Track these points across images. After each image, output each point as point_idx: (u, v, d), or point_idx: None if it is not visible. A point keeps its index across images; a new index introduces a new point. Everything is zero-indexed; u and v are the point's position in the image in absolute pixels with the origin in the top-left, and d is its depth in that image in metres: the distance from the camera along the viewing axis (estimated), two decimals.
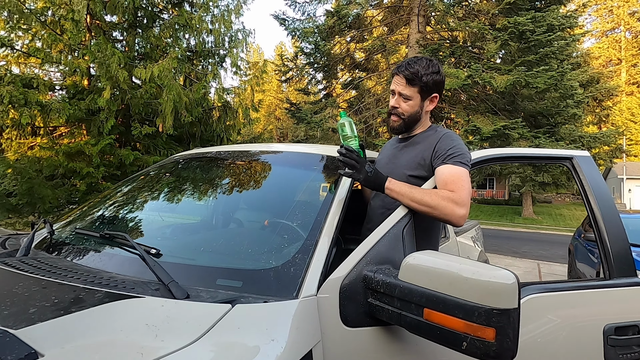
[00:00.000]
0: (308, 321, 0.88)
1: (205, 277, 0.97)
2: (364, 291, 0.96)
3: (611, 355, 1.18)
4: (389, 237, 1.06)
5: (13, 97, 5.80)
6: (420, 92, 1.34)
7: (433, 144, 1.30)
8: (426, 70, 1.32)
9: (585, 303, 1.23)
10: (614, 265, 1.27)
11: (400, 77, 1.34)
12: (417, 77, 1.32)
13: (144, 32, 7.72)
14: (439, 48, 9.49)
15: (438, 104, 1.46)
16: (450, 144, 1.28)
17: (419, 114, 1.37)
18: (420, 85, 1.33)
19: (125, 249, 1.08)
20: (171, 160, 1.81)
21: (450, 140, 1.29)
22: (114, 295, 0.80)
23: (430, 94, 1.37)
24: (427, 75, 1.32)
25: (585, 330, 1.19)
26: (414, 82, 1.32)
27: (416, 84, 1.32)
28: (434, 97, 1.38)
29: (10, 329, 0.63)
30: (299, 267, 0.97)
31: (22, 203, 6.21)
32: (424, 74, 1.32)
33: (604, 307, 1.24)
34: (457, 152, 1.25)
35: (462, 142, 1.30)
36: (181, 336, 0.69)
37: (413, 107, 1.35)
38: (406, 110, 1.35)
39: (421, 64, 1.33)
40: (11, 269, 0.95)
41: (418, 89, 1.33)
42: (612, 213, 1.35)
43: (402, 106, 1.35)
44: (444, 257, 0.89)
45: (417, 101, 1.35)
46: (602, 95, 19.19)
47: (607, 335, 1.18)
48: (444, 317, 0.79)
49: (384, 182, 1.19)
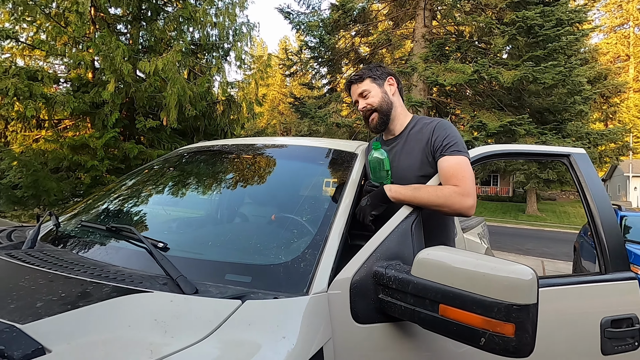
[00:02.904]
0: (319, 318, 0.86)
1: (213, 272, 0.95)
2: (374, 287, 0.95)
3: (607, 347, 1.20)
4: (397, 233, 1.05)
5: (18, 90, 5.80)
6: (373, 81, 1.44)
7: (427, 138, 1.34)
8: (368, 68, 1.46)
9: (583, 297, 1.25)
10: (609, 260, 1.29)
11: (354, 86, 1.46)
12: (364, 75, 1.44)
13: (148, 25, 7.68)
14: (445, 42, 9.38)
15: (442, 98, 1.54)
16: (444, 134, 1.31)
17: (386, 99, 1.44)
18: (370, 77, 1.44)
19: (131, 243, 1.07)
20: (177, 153, 1.78)
21: (443, 130, 1.33)
22: (122, 289, 0.78)
23: (384, 80, 1.45)
24: (371, 70, 1.45)
25: (583, 323, 1.21)
26: (362, 78, 1.44)
27: (365, 78, 1.44)
28: (389, 79, 1.47)
29: (17, 324, 0.61)
30: (309, 262, 0.95)
31: (27, 195, 6.24)
32: (367, 70, 1.45)
33: (600, 301, 1.26)
34: (452, 141, 1.28)
35: (454, 129, 1.34)
36: (191, 332, 0.68)
37: (376, 95, 1.42)
38: (373, 102, 1.42)
39: (364, 68, 1.48)
40: (17, 261, 0.94)
41: (370, 80, 1.44)
42: (607, 209, 1.38)
43: (368, 101, 1.42)
44: (458, 253, 0.87)
45: (376, 89, 1.43)
46: (609, 92, 18.94)
47: (604, 328, 1.20)
48: (461, 313, 0.78)
49: (385, 192, 1.22)
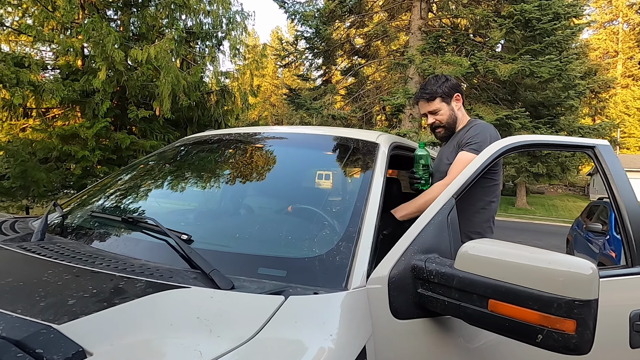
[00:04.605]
0: (360, 314, 0.82)
1: (244, 265, 0.89)
2: (413, 281, 0.91)
3: (636, 341, 1.18)
4: (433, 225, 1.01)
5: (4, 76, 5.57)
6: (442, 100, 1.60)
7: (463, 135, 1.54)
8: (437, 83, 1.60)
9: (611, 290, 1.21)
10: (637, 253, 1.27)
11: (422, 102, 1.63)
12: (434, 92, 1.59)
13: (140, 11, 7.45)
14: (441, 35, 9.33)
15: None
16: (474, 133, 1.48)
17: (453, 115, 1.63)
18: (440, 96, 1.59)
19: (151, 235, 1.00)
20: (192, 140, 1.68)
21: (475, 130, 1.51)
22: (157, 285, 0.72)
23: (452, 96, 1.61)
24: (439, 86, 1.59)
25: (611, 317, 1.18)
26: (434, 97, 1.59)
27: (436, 97, 1.59)
28: (456, 96, 1.63)
29: (53, 324, 0.55)
30: (344, 255, 0.90)
31: (16, 186, 6.04)
32: (437, 87, 1.59)
33: (629, 294, 1.24)
34: (474, 140, 1.44)
35: (486, 133, 1.48)
36: (237, 331, 0.62)
37: (444, 114, 1.61)
38: (442, 119, 1.62)
39: (430, 82, 1.62)
40: (32, 254, 0.87)
41: (440, 99, 1.60)
42: (633, 201, 1.35)
43: (437, 119, 1.62)
44: (507, 246, 0.83)
45: (445, 108, 1.61)
46: (599, 87, 19.24)
47: (633, 322, 1.18)
48: (514, 309, 0.74)
49: (394, 216, 1.39)
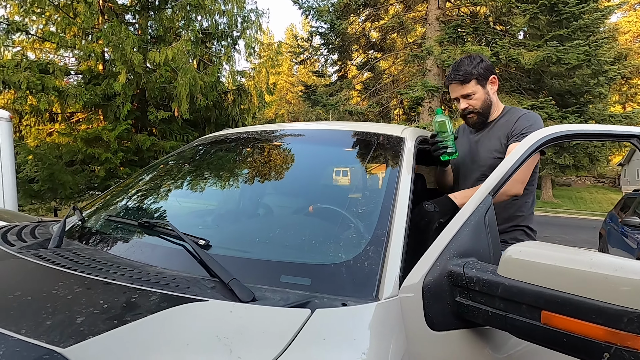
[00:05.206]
0: (394, 327, 0.74)
1: (265, 272, 0.83)
2: (450, 289, 0.82)
3: None
4: (470, 226, 0.91)
5: (30, 83, 5.75)
6: (478, 82, 1.44)
7: (511, 125, 1.41)
8: (471, 63, 1.44)
9: None
10: None
11: (455, 84, 1.45)
12: (469, 74, 1.42)
13: (157, 14, 7.54)
14: (460, 24, 9.02)
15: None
16: (526, 124, 1.38)
17: (488, 99, 1.47)
18: (475, 78, 1.43)
19: (168, 239, 0.96)
20: (210, 139, 1.63)
21: (526, 120, 1.39)
22: (172, 298, 0.67)
23: (487, 79, 1.46)
24: (475, 67, 1.43)
25: None
26: (469, 79, 1.43)
27: (471, 79, 1.43)
28: (492, 79, 1.48)
29: (58, 347, 0.51)
30: (373, 261, 0.83)
31: (44, 189, 6.25)
32: (472, 68, 1.43)
33: None
34: (528, 131, 1.30)
35: (540, 123, 1.38)
36: (260, 351, 0.56)
37: (479, 98, 1.45)
38: (476, 105, 1.45)
39: (464, 62, 1.45)
40: (47, 263, 0.83)
41: (475, 82, 1.44)
42: None
43: (470, 104, 1.45)
44: (560, 250, 0.73)
45: (480, 92, 1.45)
46: (630, 73, 18.24)
47: None
48: (572, 322, 0.65)
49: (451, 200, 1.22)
